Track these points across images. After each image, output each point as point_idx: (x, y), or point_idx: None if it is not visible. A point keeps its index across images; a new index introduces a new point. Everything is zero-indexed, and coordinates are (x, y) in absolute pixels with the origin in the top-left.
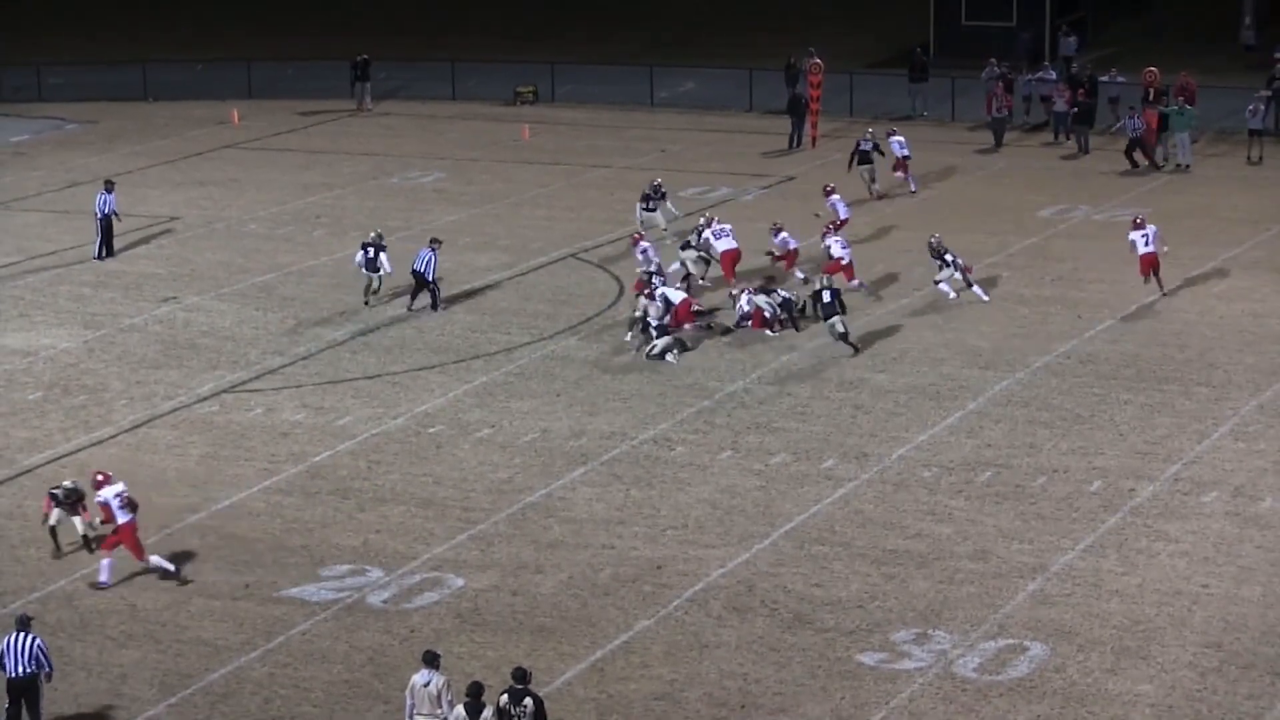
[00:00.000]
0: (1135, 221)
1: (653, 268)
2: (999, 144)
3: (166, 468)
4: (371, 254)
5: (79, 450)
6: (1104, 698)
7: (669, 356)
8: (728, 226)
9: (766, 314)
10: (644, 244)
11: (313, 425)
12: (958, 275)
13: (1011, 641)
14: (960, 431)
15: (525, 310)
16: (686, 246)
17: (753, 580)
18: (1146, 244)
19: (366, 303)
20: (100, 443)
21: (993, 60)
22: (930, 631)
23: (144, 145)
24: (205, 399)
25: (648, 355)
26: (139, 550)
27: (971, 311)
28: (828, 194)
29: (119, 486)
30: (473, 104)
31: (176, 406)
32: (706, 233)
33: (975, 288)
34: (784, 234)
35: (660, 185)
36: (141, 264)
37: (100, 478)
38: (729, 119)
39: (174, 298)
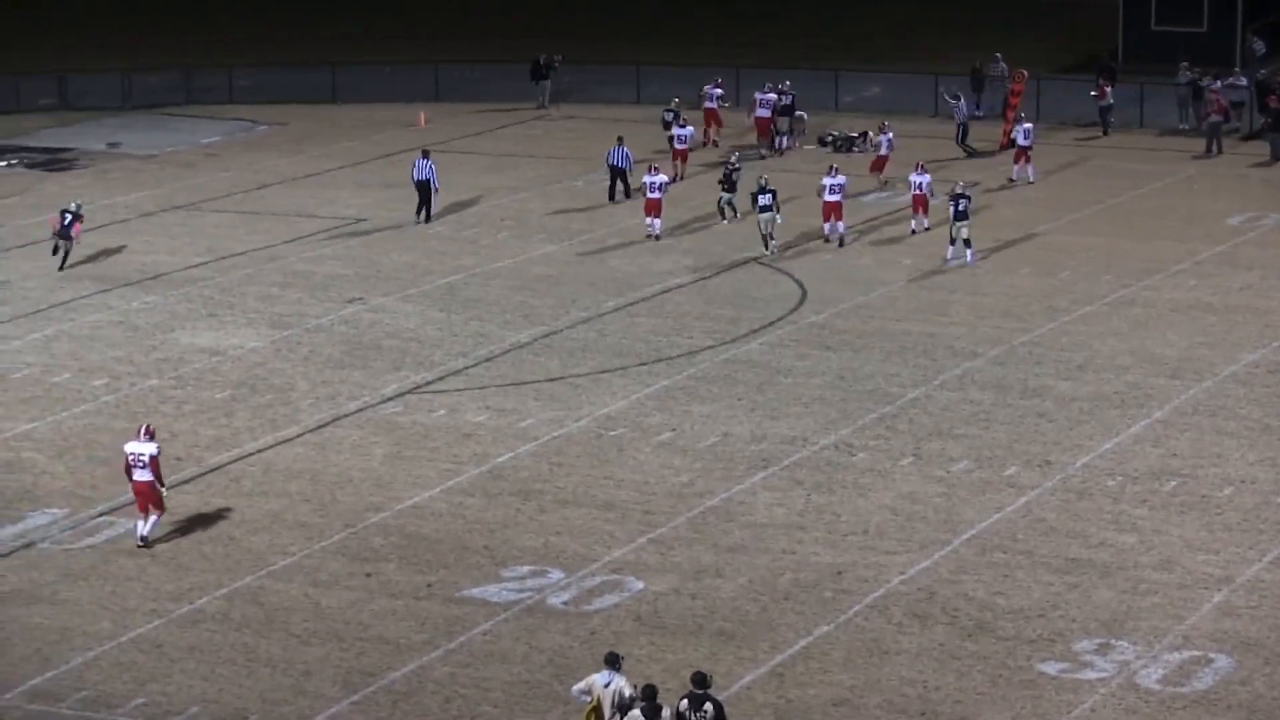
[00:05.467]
0: None
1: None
2: (1218, 150)
3: (351, 467)
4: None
5: (265, 449)
6: None
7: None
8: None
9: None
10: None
11: (495, 427)
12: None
13: (1196, 653)
14: (1145, 440)
15: (708, 314)
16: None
17: (934, 587)
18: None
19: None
20: (286, 441)
21: (1185, 64)
22: (1113, 641)
23: (332, 147)
24: (389, 399)
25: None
26: (145, 509)
27: (1158, 320)
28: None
29: (143, 446)
30: (657, 107)
31: (361, 406)
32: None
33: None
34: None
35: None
36: (328, 265)
37: (143, 431)
38: (914, 124)
39: (360, 298)
